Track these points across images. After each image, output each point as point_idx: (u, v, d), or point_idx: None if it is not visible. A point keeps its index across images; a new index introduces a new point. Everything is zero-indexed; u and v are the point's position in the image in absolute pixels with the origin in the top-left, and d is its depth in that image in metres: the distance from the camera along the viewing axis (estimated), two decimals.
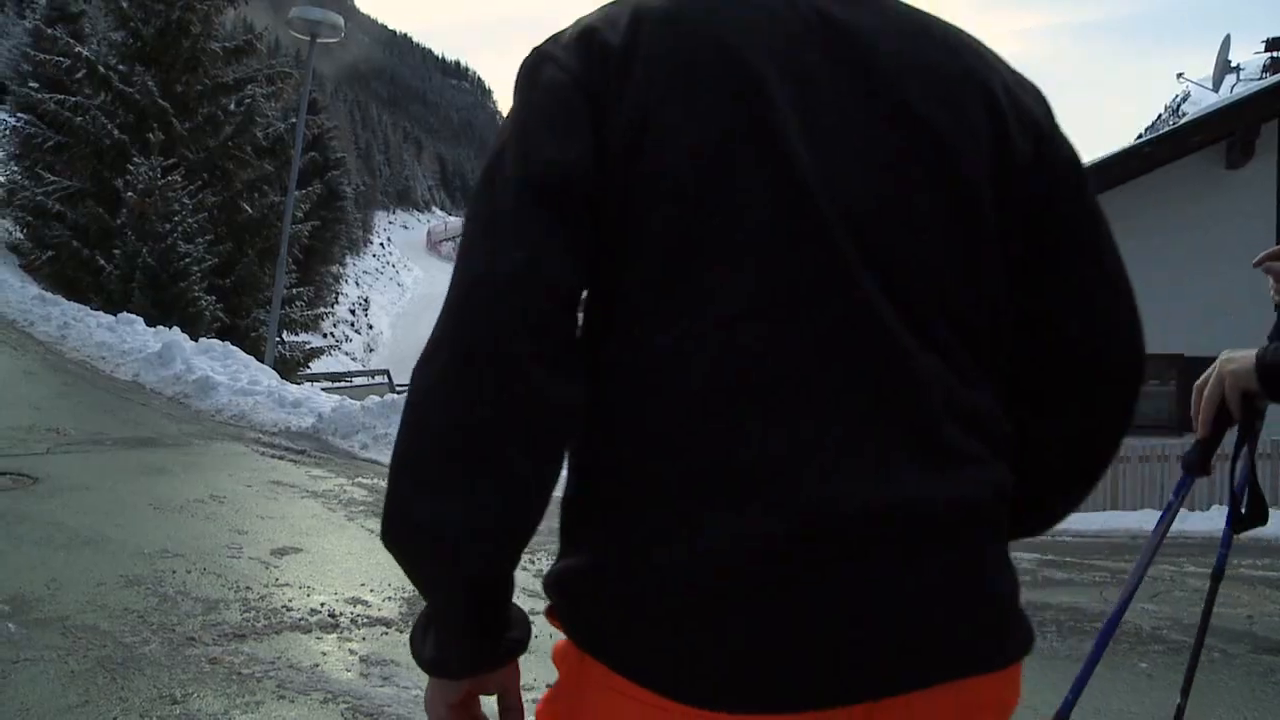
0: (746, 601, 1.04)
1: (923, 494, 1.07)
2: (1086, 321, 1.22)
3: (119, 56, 25.06)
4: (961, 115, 1.16)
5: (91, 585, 5.79)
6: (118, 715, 4.11)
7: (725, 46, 1.11)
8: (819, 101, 1.12)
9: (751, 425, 1.06)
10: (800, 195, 1.08)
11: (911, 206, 1.12)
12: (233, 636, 5.05)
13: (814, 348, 1.07)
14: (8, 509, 7.36)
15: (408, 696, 4.40)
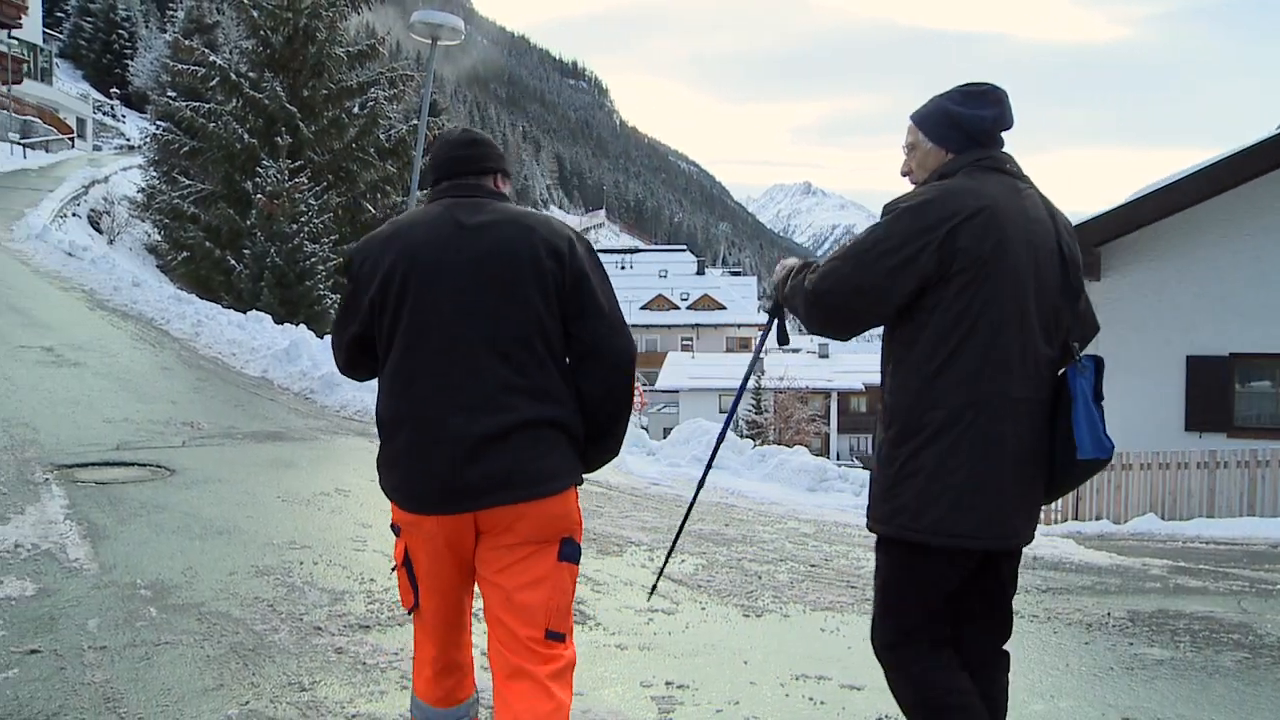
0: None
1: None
2: (593, 345, 3.00)
3: (250, 64, 25.79)
4: (522, 261, 2.90)
5: (224, 574, 5.97)
6: (249, 700, 4.23)
7: (410, 256, 2.96)
8: (454, 264, 2.93)
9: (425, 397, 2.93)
10: (434, 300, 2.91)
11: (507, 280, 2.91)
12: (358, 627, 5.16)
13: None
14: (149, 499, 7.63)
15: None
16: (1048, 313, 2.97)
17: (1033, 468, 2.96)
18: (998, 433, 2.88)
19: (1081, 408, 2.93)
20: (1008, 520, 2.92)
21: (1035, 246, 2.94)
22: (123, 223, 35.02)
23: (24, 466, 8.48)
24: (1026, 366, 2.92)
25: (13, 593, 5.52)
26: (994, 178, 2.98)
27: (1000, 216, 2.89)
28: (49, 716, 4.02)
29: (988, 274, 2.86)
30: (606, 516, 7.88)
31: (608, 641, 5.14)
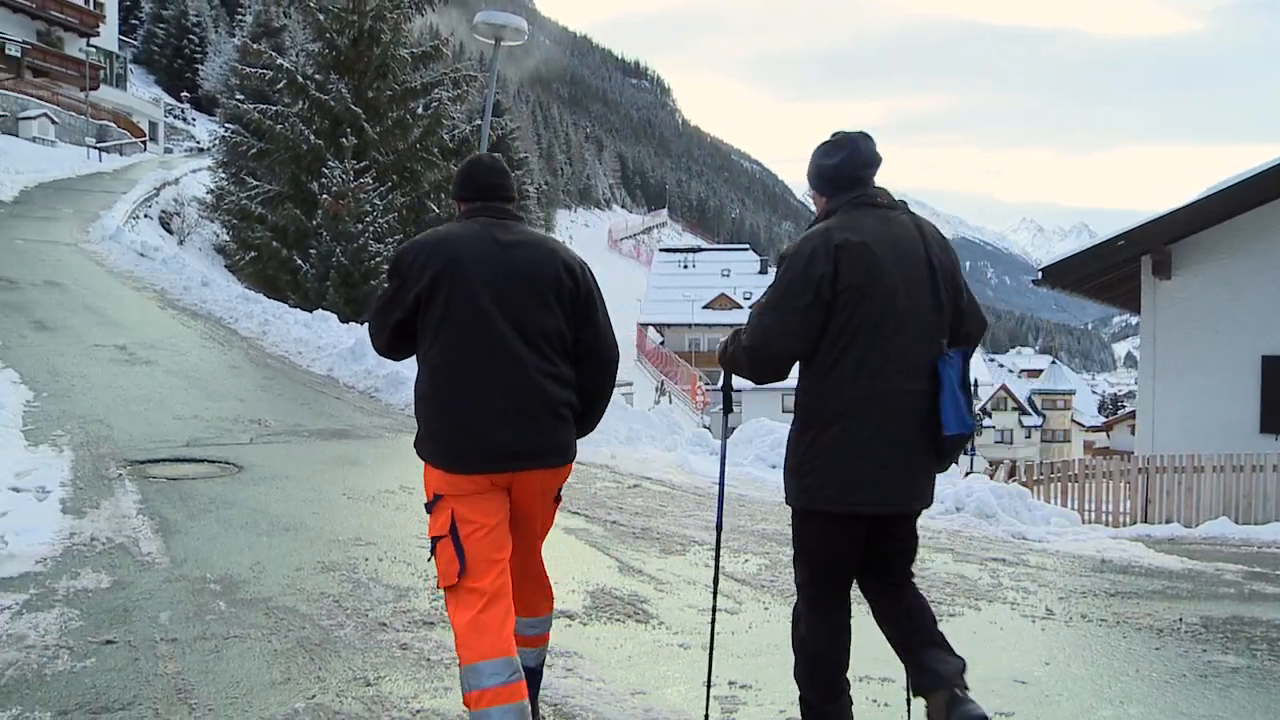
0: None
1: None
2: (594, 346, 3.76)
3: (316, 66, 26.07)
4: (547, 276, 3.65)
5: (291, 569, 6.06)
6: (316, 694, 4.28)
7: (455, 261, 3.57)
8: (494, 278, 3.57)
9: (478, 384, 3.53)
10: (481, 302, 3.54)
11: (536, 290, 3.62)
12: (422, 623, 5.20)
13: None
14: (218, 495, 7.76)
15: (590, 689, 4.45)
16: (922, 318, 3.59)
17: (914, 446, 3.59)
18: (880, 420, 3.53)
19: (948, 393, 3.57)
20: (891, 490, 3.59)
21: (904, 265, 3.59)
22: (192, 223, 35.62)
23: (99, 462, 8.67)
24: (905, 364, 3.55)
25: (89, 585, 5.65)
26: (865, 212, 3.65)
27: (871, 246, 3.54)
28: (124, 706, 4.11)
29: (864, 294, 3.50)
30: (670, 516, 7.89)
31: (670, 641, 5.14)
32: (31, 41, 47.48)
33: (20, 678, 4.37)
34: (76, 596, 5.46)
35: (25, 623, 5.04)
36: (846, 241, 3.52)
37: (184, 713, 4.06)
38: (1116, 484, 13.50)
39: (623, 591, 5.89)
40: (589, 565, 6.36)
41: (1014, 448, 74.31)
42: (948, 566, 6.89)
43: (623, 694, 4.42)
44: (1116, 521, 12.79)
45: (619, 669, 4.73)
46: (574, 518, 7.64)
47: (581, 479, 9.12)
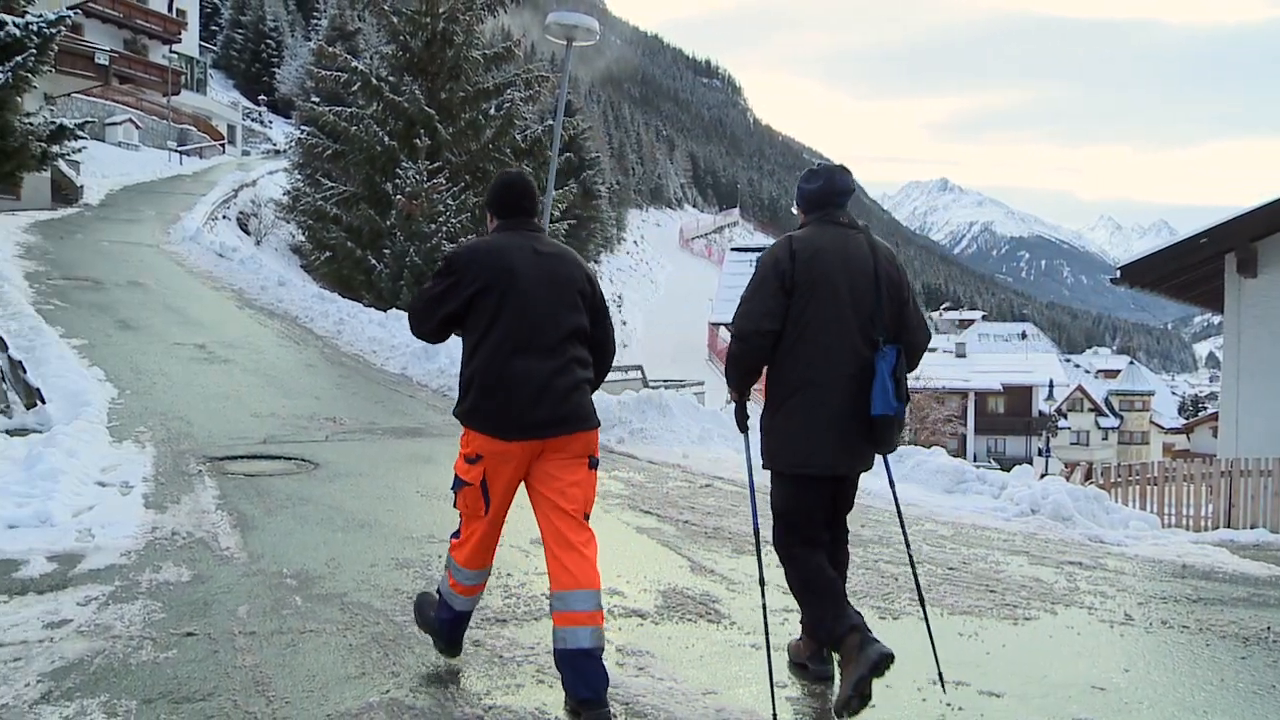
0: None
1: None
2: (602, 342, 4.53)
3: (390, 68, 26.33)
4: (574, 282, 4.43)
5: (366, 565, 6.13)
6: (390, 689, 4.33)
7: (504, 265, 4.32)
8: (536, 281, 4.31)
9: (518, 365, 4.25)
10: (527, 301, 4.28)
11: (566, 293, 4.39)
12: (494, 621, 5.24)
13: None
14: (294, 492, 7.88)
15: (661, 688, 4.45)
16: (864, 318, 4.42)
17: (851, 421, 4.38)
18: (823, 400, 4.38)
19: (878, 381, 4.33)
20: (832, 457, 4.41)
21: (852, 274, 4.42)
22: (269, 224, 36.20)
23: (179, 458, 8.84)
24: (845, 354, 4.37)
25: (170, 578, 5.77)
26: (827, 228, 4.54)
27: (823, 255, 4.42)
28: (204, 696, 4.18)
29: (812, 294, 4.37)
30: (742, 515, 7.85)
31: (742, 641, 5.12)
32: (119, 50, 48.52)
33: (107, 666, 4.48)
34: (159, 589, 5.58)
35: (111, 613, 5.16)
36: (803, 248, 4.43)
37: (261, 704, 4.12)
38: (1198, 487, 13.19)
39: (694, 591, 5.88)
40: (661, 565, 6.36)
41: (1090, 449, 73.03)
42: (1023, 569, 6.79)
43: (694, 694, 4.42)
44: (1198, 526, 12.50)
45: (690, 668, 4.72)
46: (646, 517, 7.65)
47: (654, 478, 9.12)
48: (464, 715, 4.10)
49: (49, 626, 4.98)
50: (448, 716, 4.09)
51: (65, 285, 19.10)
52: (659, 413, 11.29)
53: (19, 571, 5.86)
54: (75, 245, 24.29)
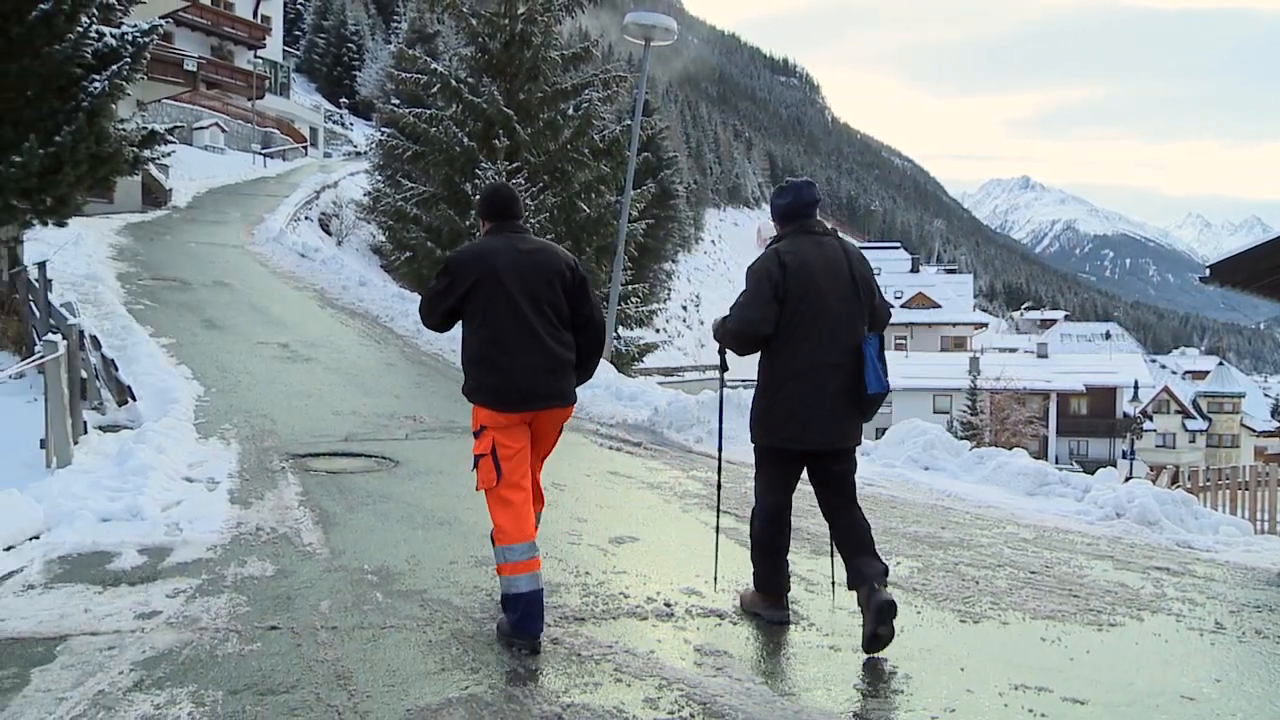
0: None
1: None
2: (589, 329, 5.19)
3: (468, 69, 26.49)
4: (554, 272, 5.07)
5: (445, 563, 6.18)
6: (469, 685, 4.36)
7: (490, 263, 4.96)
8: (520, 277, 4.96)
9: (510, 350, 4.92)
10: (512, 293, 4.92)
11: (548, 282, 5.05)
12: (573, 619, 5.25)
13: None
14: (375, 489, 7.98)
15: (740, 688, 4.43)
16: (846, 312, 5.15)
17: (845, 401, 5.09)
18: (817, 384, 5.07)
19: (869, 363, 5.08)
20: (830, 431, 5.12)
21: (831, 276, 5.15)
22: (350, 225, 36.72)
23: (264, 455, 9.00)
24: (834, 344, 5.09)
25: (255, 572, 5.87)
26: (804, 238, 5.27)
27: (806, 262, 5.13)
28: (288, 689, 4.25)
29: (801, 295, 5.08)
30: (819, 516, 7.78)
31: (821, 642, 5.08)
32: (206, 56, 49.54)
33: (195, 657, 4.58)
34: (243, 583, 5.68)
35: (198, 606, 5.27)
36: (790, 260, 5.12)
37: (343, 698, 4.17)
38: None
39: None
40: (739, 565, 6.32)
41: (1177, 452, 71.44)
42: (1108, 574, 6.65)
43: (772, 695, 4.39)
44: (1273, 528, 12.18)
45: (768, 669, 4.70)
46: (724, 516, 7.60)
47: (732, 478, 9.08)
48: (542, 713, 4.11)
49: (140, 617, 5.11)
50: (526, 714, 4.11)
51: (155, 285, 19.54)
52: (738, 412, 11.21)
53: (112, 563, 6.02)
54: (164, 246, 24.84)
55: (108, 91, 13.02)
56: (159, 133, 15.14)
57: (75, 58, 12.80)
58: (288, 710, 4.06)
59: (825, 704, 4.33)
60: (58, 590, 5.58)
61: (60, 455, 8.29)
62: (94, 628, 4.98)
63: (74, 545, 6.34)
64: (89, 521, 6.78)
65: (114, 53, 13.35)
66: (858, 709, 4.21)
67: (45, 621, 5.08)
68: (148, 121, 21.66)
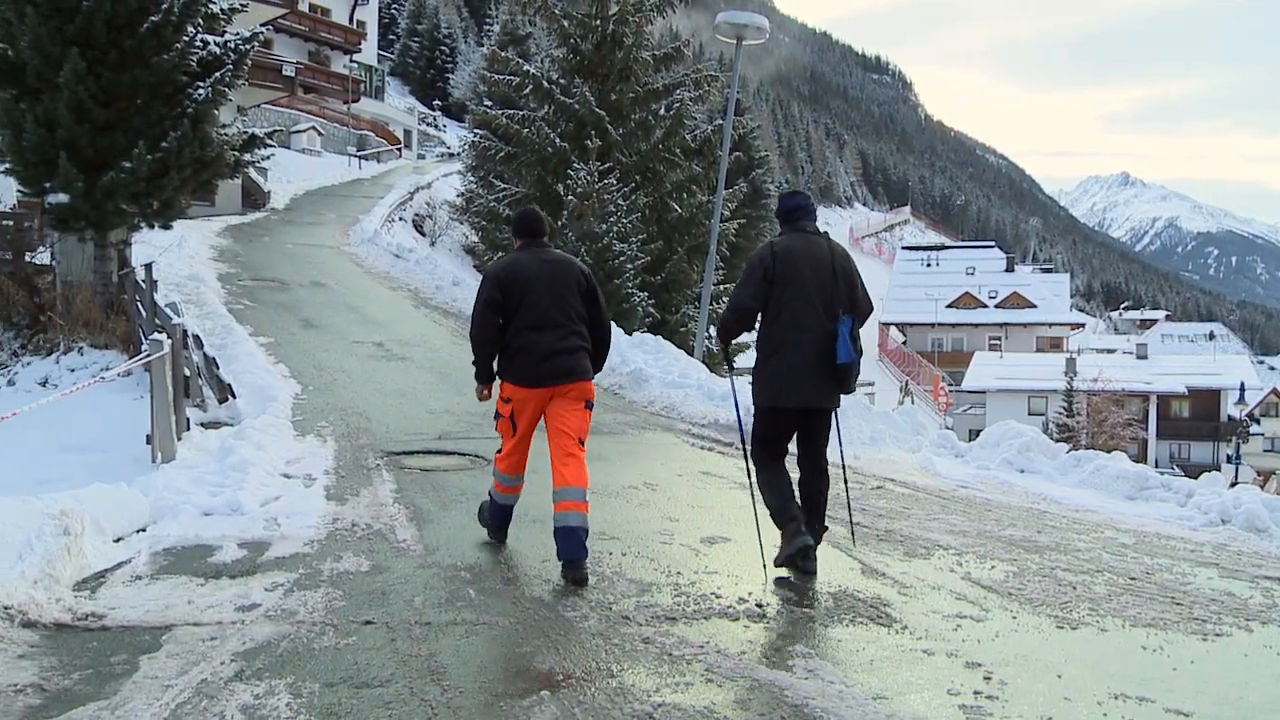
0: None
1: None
2: (599, 326, 6.45)
3: (560, 71, 26.61)
4: (571, 279, 6.34)
5: (538, 561, 6.22)
6: (560, 682, 4.38)
7: (522, 274, 6.26)
8: (544, 285, 6.24)
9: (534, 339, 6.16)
10: (536, 296, 6.17)
11: (566, 287, 6.30)
12: (664, 618, 5.24)
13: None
14: (468, 487, 8.06)
15: (831, 691, 4.38)
16: (826, 299, 6.10)
17: (821, 370, 6.06)
18: (800, 354, 6.03)
19: (840, 340, 6.04)
20: (810, 394, 6.10)
21: (816, 269, 6.12)
22: (443, 225, 37.15)
23: (359, 452, 9.14)
24: (812, 324, 6.05)
25: (350, 567, 5.97)
26: (797, 236, 6.27)
27: (794, 254, 6.13)
28: (382, 683, 4.31)
29: (786, 283, 6.07)
30: (913, 519, 7.70)
31: (914, 646, 5.01)
32: (304, 62, 50.50)
33: (293, 650, 4.67)
34: (339, 578, 5.77)
35: (296, 600, 5.37)
36: (781, 251, 6.16)
37: (436, 693, 4.22)
38: None
39: (865, 594, 5.78)
40: (831, 566, 6.28)
41: None
42: (1213, 582, 6.44)
43: (864, 698, 4.34)
44: None
45: (861, 672, 4.64)
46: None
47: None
48: (633, 711, 4.11)
49: (240, 610, 5.23)
50: (617, 712, 4.11)
51: (254, 286, 19.97)
52: None
53: (213, 556, 6.17)
54: (263, 248, 25.39)
55: (211, 98, 13.36)
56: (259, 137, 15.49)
57: (181, 66, 13.16)
58: (382, 704, 4.12)
59: (919, 708, 4.27)
60: (163, 581, 5.74)
61: (165, 451, 8.52)
62: (197, 618, 5.11)
63: (178, 538, 6.51)
64: (192, 515, 6.96)
65: (217, 60, 13.70)
66: (951, 714, 4.14)
67: (151, 611, 5.23)
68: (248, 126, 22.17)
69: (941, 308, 78.08)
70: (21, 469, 9.45)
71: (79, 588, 5.60)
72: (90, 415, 10.76)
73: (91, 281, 14.29)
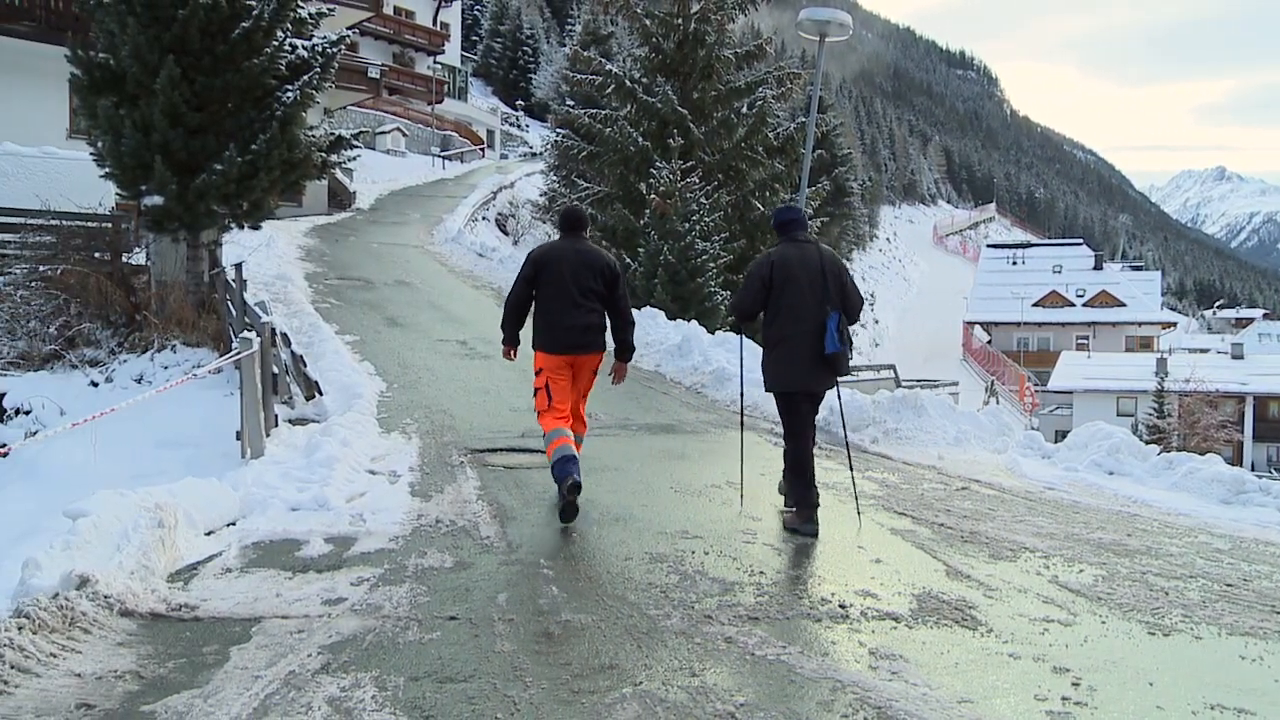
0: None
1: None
2: (619, 310, 7.75)
3: (642, 70, 26.64)
4: (597, 265, 7.60)
5: (620, 559, 6.23)
6: (642, 680, 4.38)
7: (554, 256, 7.60)
8: (570, 269, 7.53)
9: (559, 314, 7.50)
10: (560, 279, 7.49)
11: (589, 271, 7.56)
12: (747, 619, 5.22)
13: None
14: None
15: (916, 694, 4.33)
16: (815, 297, 7.04)
17: (813, 358, 7.01)
18: (798, 346, 7.03)
19: (828, 332, 6.95)
20: (805, 380, 7.12)
21: (808, 272, 7.09)
22: (526, 224, 37.43)
23: (443, 450, 9.23)
24: (806, 320, 7.01)
25: (435, 563, 6.03)
26: (792, 245, 7.26)
27: (788, 261, 7.12)
28: (466, 678, 4.35)
29: (784, 287, 7.07)
30: (999, 520, 7.58)
31: (1000, 650, 4.93)
32: (389, 64, 51.18)
33: (378, 644, 4.74)
34: (424, 573, 5.84)
35: (381, 595, 5.45)
36: (777, 260, 7.19)
37: (519, 689, 4.24)
38: None
39: (950, 596, 5.70)
40: (915, 567, 6.20)
41: None
42: None
43: (949, 701, 4.28)
44: None
45: (945, 675, 4.58)
46: (900, 519, 7.48)
47: (908, 480, 8.93)
48: (715, 711, 4.10)
49: (327, 603, 5.31)
50: (699, 711, 4.10)
51: (340, 285, 20.28)
52: (914, 413, 11.04)
53: (300, 551, 6.28)
54: (348, 247, 25.77)
55: (299, 100, 13.58)
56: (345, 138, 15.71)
57: (271, 70, 13.40)
58: (465, 699, 4.16)
59: (1005, 713, 4.20)
60: (252, 575, 5.85)
61: (254, 447, 8.67)
62: (285, 611, 5.21)
63: (266, 532, 6.64)
64: (280, 510, 7.09)
65: (305, 63, 13.93)
66: None
67: (241, 603, 5.34)
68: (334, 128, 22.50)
69: (1027, 306, 76.84)
70: (119, 463, 9.70)
71: (172, 579, 5.74)
72: (183, 411, 11.01)
73: (184, 281, 14.60)
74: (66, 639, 4.69)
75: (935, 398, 11.85)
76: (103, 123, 12.95)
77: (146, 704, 4.13)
